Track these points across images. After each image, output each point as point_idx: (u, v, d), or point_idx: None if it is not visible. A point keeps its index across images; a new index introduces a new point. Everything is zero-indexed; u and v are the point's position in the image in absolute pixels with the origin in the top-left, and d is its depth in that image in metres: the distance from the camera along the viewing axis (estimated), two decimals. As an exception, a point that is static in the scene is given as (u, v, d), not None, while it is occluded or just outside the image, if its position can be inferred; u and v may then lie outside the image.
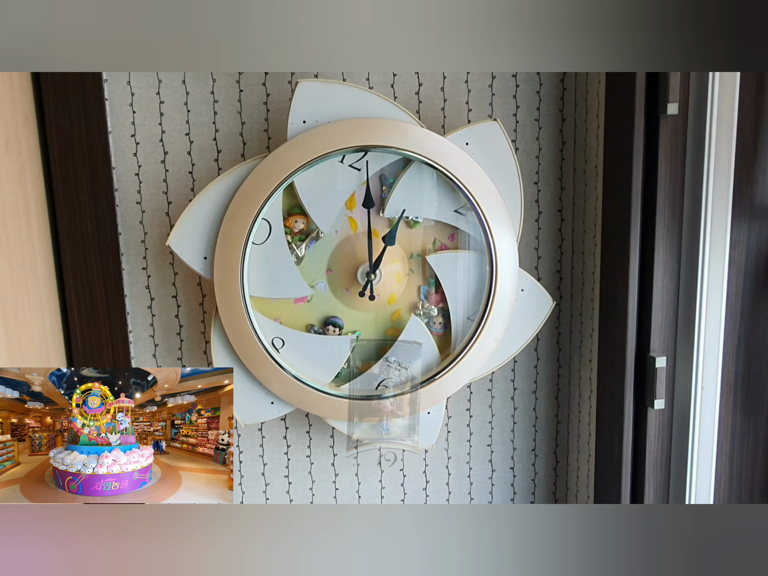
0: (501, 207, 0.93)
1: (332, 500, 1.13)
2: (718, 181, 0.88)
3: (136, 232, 1.00)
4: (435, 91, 1.00)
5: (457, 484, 1.15)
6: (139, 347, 1.04)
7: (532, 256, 1.08)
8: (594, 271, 1.01)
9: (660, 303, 0.92)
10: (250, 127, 0.98)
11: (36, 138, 0.92)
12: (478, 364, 0.98)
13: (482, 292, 0.98)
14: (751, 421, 0.97)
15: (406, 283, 0.98)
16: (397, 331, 0.99)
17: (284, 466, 1.11)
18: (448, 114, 1.01)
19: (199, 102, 0.97)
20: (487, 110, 1.02)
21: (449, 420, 1.12)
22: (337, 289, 0.97)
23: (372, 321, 0.99)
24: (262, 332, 0.94)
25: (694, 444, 0.94)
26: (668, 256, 0.91)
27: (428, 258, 0.97)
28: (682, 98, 0.85)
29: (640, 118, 0.87)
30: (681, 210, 0.90)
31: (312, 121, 0.89)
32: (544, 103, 1.03)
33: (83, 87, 0.92)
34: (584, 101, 1.00)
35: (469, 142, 0.93)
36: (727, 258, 0.90)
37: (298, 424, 1.09)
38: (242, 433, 1.09)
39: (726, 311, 0.92)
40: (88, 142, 0.93)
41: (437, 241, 0.98)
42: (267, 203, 0.90)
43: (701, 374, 0.93)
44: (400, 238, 0.96)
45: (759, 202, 0.90)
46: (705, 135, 0.87)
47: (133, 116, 0.96)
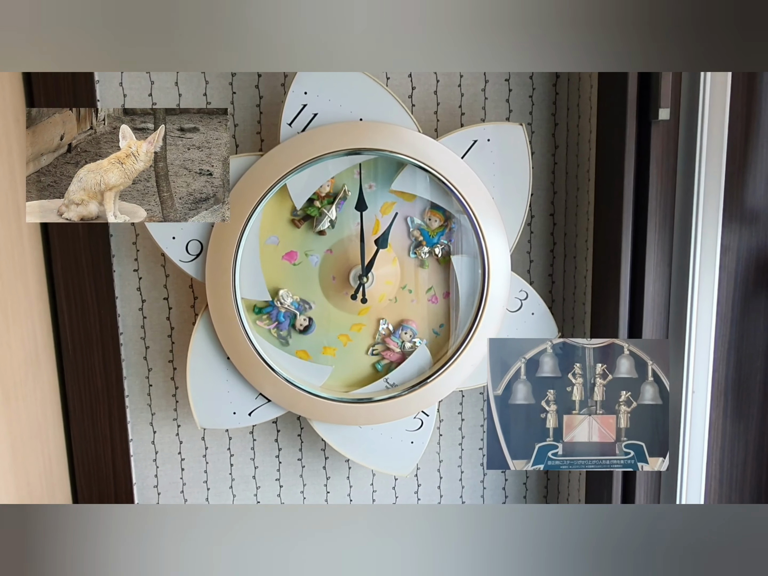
0: (494, 211, 0.94)
1: (323, 503, 1.13)
2: (709, 186, 0.88)
3: (128, 234, 0.99)
4: (428, 94, 1.01)
5: (449, 488, 1.15)
6: (130, 349, 1.03)
7: (524, 259, 1.08)
8: (586, 275, 1.02)
9: (651, 307, 0.92)
10: (243, 129, 0.98)
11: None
12: (471, 367, 0.98)
13: (474, 295, 0.98)
14: (741, 426, 0.98)
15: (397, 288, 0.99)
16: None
17: (275, 469, 1.10)
18: (441, 117, 1.01)
19: (192, 104, 0.96)
20: (479, 114, 1.02)
21: (441, 423, 1.12)
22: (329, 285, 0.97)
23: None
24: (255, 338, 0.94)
25: (685, 448, 0.95)
26: (659, 261, 0.91)
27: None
28: (674, 104, 0.86)
29: (632, 123, 0.88)
30: (672, 215, 0.90)
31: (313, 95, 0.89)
32: (536, 108, 1.03)
33: (75, 88, 0.92)
34: (576, 106, 1.01)
35: (491, 139, 0.93)
36: (717, 263, 0.90)
37: (289, 427, 1.09)
38: (233, 436, 1.08)
39: (717, 316, 0.92)
40: (80, 143, 0.93)
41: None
42: (260, 205, 0.90)
43: (692, 378, 0.93)
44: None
45: (749, 208, 0.91)
46: (696, 140, 0.87)
47: (125, 117, 0.96)
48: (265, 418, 0.98)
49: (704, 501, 0.97)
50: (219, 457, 1.09)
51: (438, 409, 1.04)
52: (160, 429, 1.07)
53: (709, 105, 0.86)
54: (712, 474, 0.98)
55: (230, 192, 0.89)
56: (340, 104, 0.89)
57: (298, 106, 0.89)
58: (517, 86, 1.02)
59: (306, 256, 0.96)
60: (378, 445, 1.01)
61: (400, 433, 1.01)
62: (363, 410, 0.98)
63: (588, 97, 0.97)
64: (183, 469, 1.09)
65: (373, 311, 0.99)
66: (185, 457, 1.08)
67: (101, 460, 1.03)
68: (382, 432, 1.01)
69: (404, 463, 1.03)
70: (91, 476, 1.03)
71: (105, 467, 1.03)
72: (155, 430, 1.07)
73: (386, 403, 0.97)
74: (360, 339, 1.00)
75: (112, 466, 1.03)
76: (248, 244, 0.93)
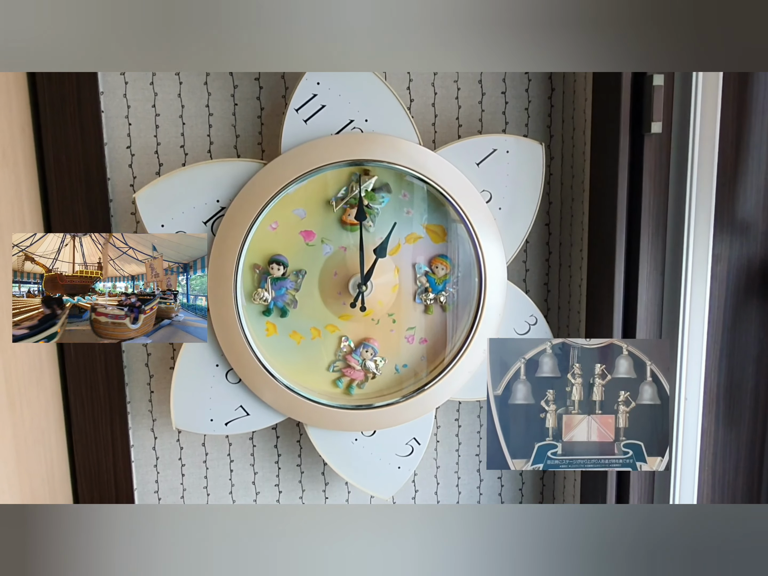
0: (491, 222, 0.96)
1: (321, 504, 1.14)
2: (700, 197, 0.90)
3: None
4: (426, 106, 1.03)
5: (446, 493, 1.17)
6: (132, 356, 1.05)
7: (520, 269, 1.10)
8: (581, 284, 1.04)
9: (645, 316, 0.94)
10: (245, 140, 1.00)
11: (32, 149, 0.93)
12: (468, 374, 1.00)
13: (471, 303, 0.99)
14: (733, 432, 0.99)
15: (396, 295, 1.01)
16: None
17: (275, 474, 1.12)
18: (439, 129, 1.04)
19: (194, 115, 0.98)
20: (476, 126, 1.04)
21: (438, 430, 1.14)
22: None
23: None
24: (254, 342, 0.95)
25: (677, 453, 0.96)
26: (652, 271, 0.93)
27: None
28: (666, 117, 0.88)
29: (625, 136, 0.90)
30: (665, 225, 0.92)
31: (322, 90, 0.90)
32: (532, 120, 1.06)
33: (79, 99, 0.93)
34: (571, 118, 1.03)
35: (510, 151, 0.95)
36: (709, 272, 0.92)
37: (288, 433, 1.10)
38: (233, 442, 1.09)
39: (708, 324, 0.94)
40: (84, 153, 0.94)
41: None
42: (261, 214, 0.91)
43: (684, 386, 0.95)
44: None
45: (740, 218, 0.93)
46: (687, 153, 0.89)
47: (128, 128, 0.97)
48: (241, 430, 0.99)
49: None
50: (219, 462, 1.10)
51: (435, 415, 1.05)
52: (161, 435, 1.08)
53: (700, 119, 0.88)
54: (704, 479, 0.99)
55: (233, 201, 0.90)
56: (349, 101, 0.91)
57: (309, 94, 0.90)
58: (514, 99, 1.04)
59: (321, 242, 0.97)
60: (366, 462, 1.02)
61: (390, 456, 1.02)
62: (361, 417, 0.99)
63: (582, 110, 0.99)
64: (183, 475, 1.10)
65: (353, 321, 1.00)
66: (186, 462, 1.09)
67: (103, 466, 1.04)
68: (373, 451, 1.02)
69: (387, 487, 1.03)
70: (92, 481, 1.04)
71: (106, 472, 1.04)
72: (156, 436, 1.08)
73: (385, 410, 0.99)
74: (328, 340, 1.00)
75: (114, 471, 1.04)
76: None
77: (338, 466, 1.02)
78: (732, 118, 0.90)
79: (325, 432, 1.01)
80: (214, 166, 0.91)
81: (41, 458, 0.92)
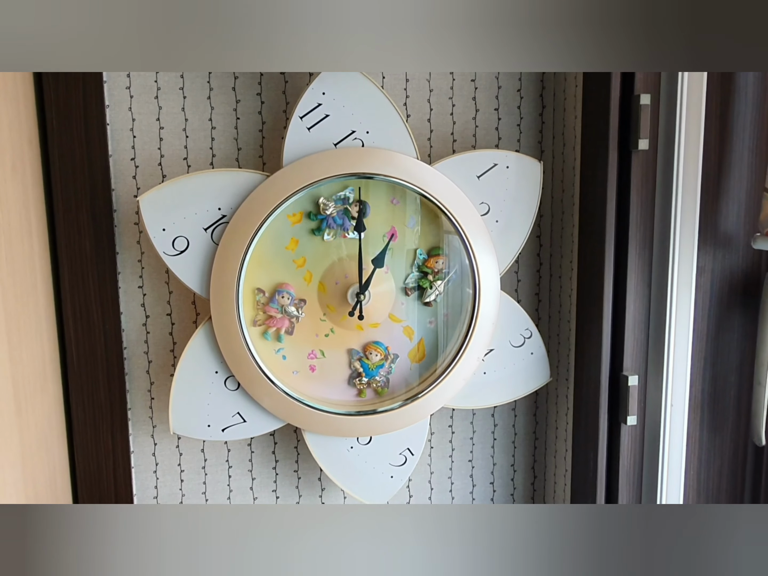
0: (485, 234, 0.99)
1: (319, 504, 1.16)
2: (686, 212, 0.93)
3: (133, 252, 1.03)
4: (422, 122, 1.06)
5: (440, 499, 1.19)
6: (133, 363, 1.07)
7: (512, 279, 1.13)
8: (571, 294, 1.07)
9: (632, 325, 0.97)
10: (246, 153, 1.03)
11: (39, 161, 0.95)
12: (462, 381, 1.02)
13: (465, 313, 1.03)
14: (717, 438, 1.03)
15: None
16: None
17: (272, 480, 1.14)
18: (434, 144, 1.07)
19: (198, 128, 1.01)
20: (470, 141, 1.08)
21: (432, 436, 1.17)
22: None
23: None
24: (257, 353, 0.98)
25: (664, 458, 0.99)
26: (640, 281, 0.96)
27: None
28: (652, 135, 0.92)
29: (614, 152, 0.93)
30: (651, 238, 0.95)
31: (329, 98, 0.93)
32: (524, 135, 1.09)
33: (86, 112, 0.95)
34: (561, 135, 1.07)
35: (510, 166, 0.99)
36: (694, 283, 0.95)
37: (286, 439, 1.13)
38: (232, 448, 1.11)
39: (693, 333, 0.97)
40: (89, 165, 0.96)
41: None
42: (261, 228, 0.94)
43: (671, 392, 0.98)
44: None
45: (723, 231, 0.97)
46: (673, 168, 0.92)
47: (133, 141, 1.00)
48: (237, 437, 1.01)
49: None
50: (217, 468, 1.12)
51: (429, 422, 1.08)
52: (161, 441, 1.10)
53: (685, 136, 0.91)
54: (690, 484, 1.02)
55: (236, 211, 0.93)
56: (352, 112, 0.94)
57: (314, 102, 0.93)
58: (506, 115, 1.08)
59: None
60: (360, 471, 1.05)
61: (383, 465, 1.05)
62: (359, 423, 1.02)
63: (572, 126, 1.03)
64: (182, 481, 1.12)
65: (344, 328, 1.03)
66: (185, 468, 1.11)
67: (103, 471, 1.05)
68: (367, 460, 1.04)
69: (377, 495, 1.06)
70: (92, 486, 1.05)
71: (106, 478, 1.05)
72: (156, 442, 1.10)
73: (382, 416, 1.02)
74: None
75: (114, 476, 1.06)
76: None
77: (333, 473, 1.04)
78: (715, 135, 0.94)
79: (321, 439, 1.03)
80: (218, 175, 0.93)
81: (44, 463, 0.94)
